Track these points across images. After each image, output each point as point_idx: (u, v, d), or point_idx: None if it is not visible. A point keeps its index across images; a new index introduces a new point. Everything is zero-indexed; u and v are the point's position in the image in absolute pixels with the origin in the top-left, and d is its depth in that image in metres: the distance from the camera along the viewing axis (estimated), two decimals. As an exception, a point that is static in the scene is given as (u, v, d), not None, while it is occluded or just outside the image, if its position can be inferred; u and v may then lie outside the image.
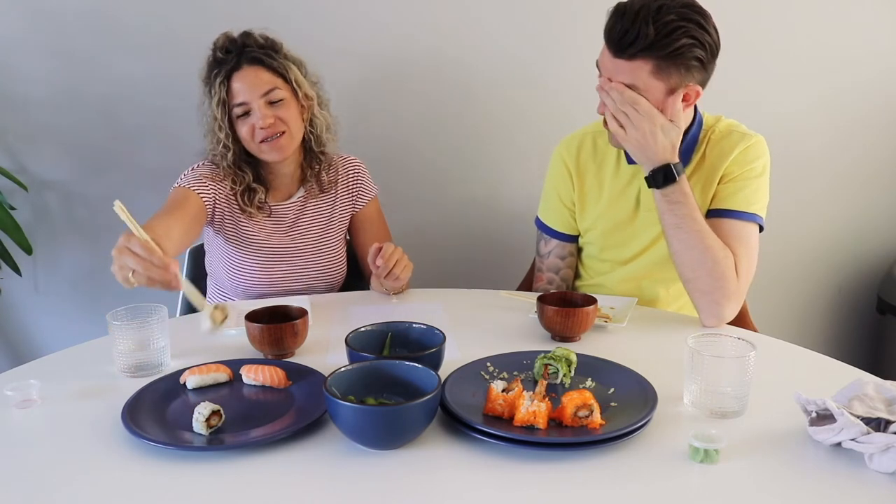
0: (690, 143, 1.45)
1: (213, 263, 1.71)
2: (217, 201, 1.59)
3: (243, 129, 1.55)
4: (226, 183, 1.61)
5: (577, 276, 1.69)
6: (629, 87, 1.31)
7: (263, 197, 1.63)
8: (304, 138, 1.64)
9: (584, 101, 2.09)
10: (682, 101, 1.34)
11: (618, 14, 1.28)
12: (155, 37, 1.93)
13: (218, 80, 1.52)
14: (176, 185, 1.57)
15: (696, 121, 1.47)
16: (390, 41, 2.03)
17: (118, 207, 1.17)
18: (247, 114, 1.54)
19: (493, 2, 2.03)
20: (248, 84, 1.53)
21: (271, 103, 1.54)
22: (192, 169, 1.62)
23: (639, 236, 1.53)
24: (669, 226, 1.35)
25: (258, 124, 1.53)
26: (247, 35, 1.57)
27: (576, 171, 1.57)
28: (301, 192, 1.70)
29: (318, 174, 1.69)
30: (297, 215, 1.68)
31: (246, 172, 1.61)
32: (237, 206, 1.62)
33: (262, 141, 1.55)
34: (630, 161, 1.50)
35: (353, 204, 1.73)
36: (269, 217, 1.66)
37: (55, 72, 1.93)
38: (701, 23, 1.27)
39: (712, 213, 1.43)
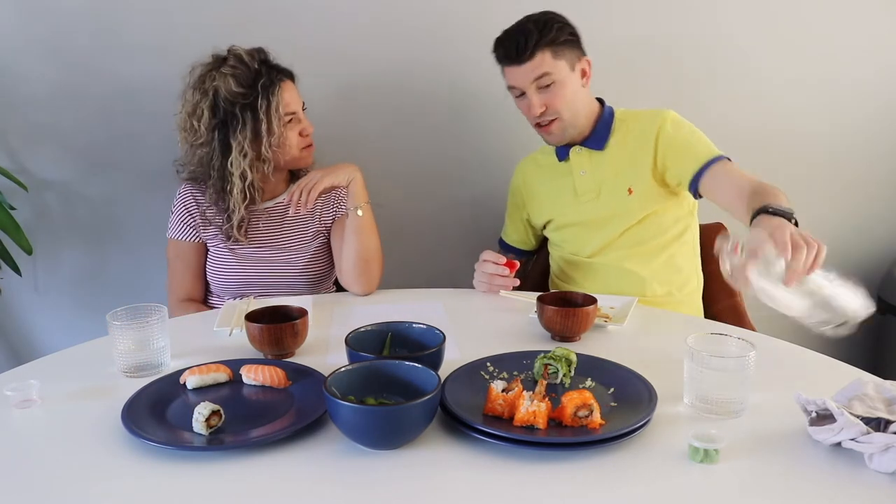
0: (605, 125, 1.66)
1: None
2: (204, 232, 1.69)
3: (292, 134, 1.64)
4: (211, 208, 1.68)
5: (567, 278, 1.74)
6: (544, 76, 1.55)
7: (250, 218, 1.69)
8: None
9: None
10: (582, 77, 1.61)
11: (501, 41, 1.59)
12: (155, 37, 1.93)
13: (276, 89, 1.59)
14: (169, 237, 1.71)
15: (606, 109, 1.69)
16: (388, 43, 2.03)
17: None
18: (291, 121, 1.64)
19: (490, 4, 2.03)
20: (294, 95, 1.65)
21: (305, 115, 1.69)
22: (174, 208, 1.71)
23: (592, 223, 1.66)
24: None
25: (305, 130, 1.67)
26: (265, 52, 1.64)
27: (524, 186, 1.81)
28: (286, 194, 1.74)
29: (300, 175, 1.75)
30: (280, 213, 1.72)
31: (254, 198, 1.64)
32: (224, 228, 1.66)
33: (303, 147, 1.67)
34: (561, 158, 1.71)
35: (334, 209, 1.73)
36: (254, 219, 1.69)
37: (55, 72, 1.93)
38: (555, 16, 1.58)
39: (693, 182, 1.53)
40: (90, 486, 0.89)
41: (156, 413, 1.03)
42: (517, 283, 1.57)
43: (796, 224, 1.18)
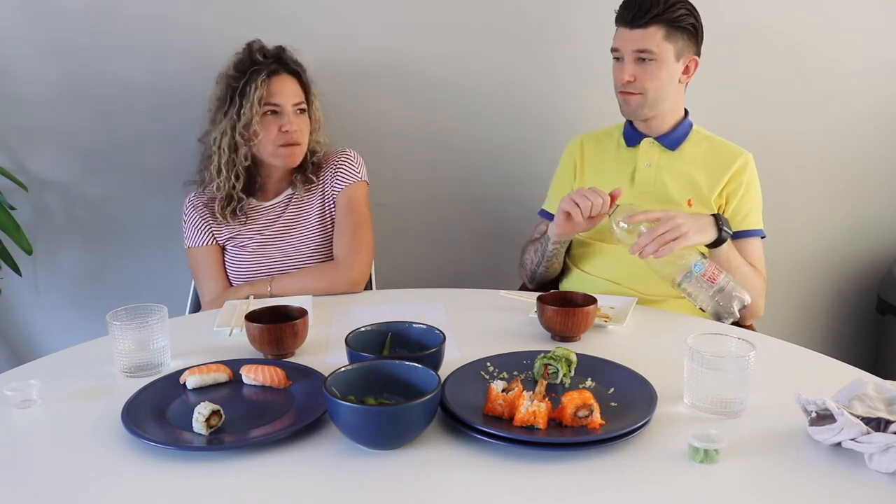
0: (683, 132, 1.65)
1: None
2: (214, 231, 1.70)
3: (271, 127, 1.63)
4: (213, 201, 1.69)
5: (567, 270, 1.73)
6: (645, 51, 1.53)
7: (242, 206, 1.69)
8: None
9: (585, 102, 2.10)
10: (683, 73, 1.58)
11: (627, 2, 1.55)
12: (155, 37, 1.93)
13: (259, 78, 1.60)
14: (188, 246, 1.72)
15: (687, 120, 1.67)
16: (389, 42, 2.03)
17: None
18: (274, 114, 1.63)
19: (493, 6, 2.03)
20: (286, 89, 1.64)
21: (296, 114, 1.66)
22: (185, 216, 1.72)
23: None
24: (732, 272, 1.45)
25: (285, 126, 1.63)
26: (282, 49, 1.67)
27: (580, 159, 1.74)
28: (288, 191, 1.75)
29: (305, 172, 1.74)
30: (282, 211, 1.73)
31: (238, 180, 1.66)
32: (218, 214, 1.69)
33: (281, 145, 1.64)
34: (630, 144, 1.67)
35: (333, 190, 1.74)
36: (256, 216, 1.71)
37: (55, 72, 1.93)
38: (687, 3, 1.56)
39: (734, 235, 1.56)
40: (90, 486, 0.89)
41: (156, 413, 1.03)
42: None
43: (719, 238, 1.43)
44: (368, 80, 2.05)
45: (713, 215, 1.44)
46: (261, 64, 1.62)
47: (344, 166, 1.73)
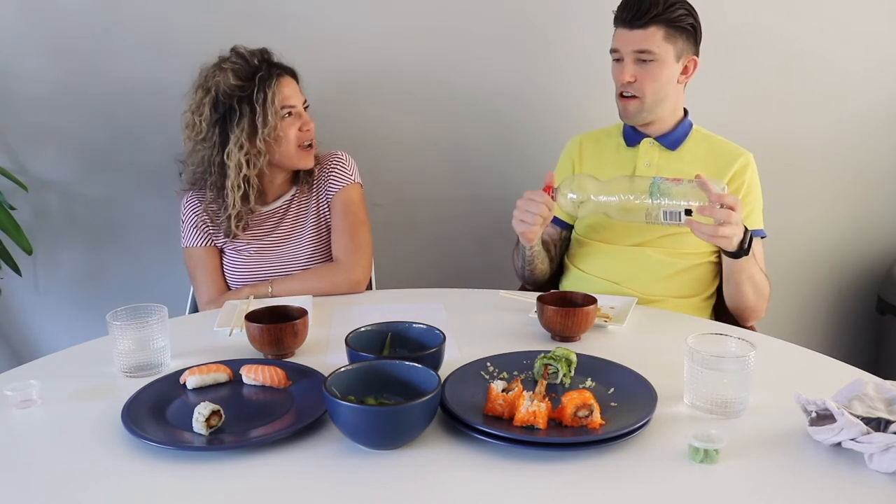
0: (683, 132, 1.64)
1: None
2: (213, 234, 1.69)
3: (291, 130, 1.63)
4: (212, 206, 1.69)
5: (565, 269, 1.73)
6: (645, 52, 1.52)
7: (252, 216, 1.69)
8: None
9: (585, 102, 2.10)
10: (682, 73, 1.58)
11: (626, 2, 1.54)
12: (155, 37, 1.93)
13: (273, 82, 1.60)
14: (185, 246, 1.71)
15: (687, 119, 1.66)
16: (389, 41, 2.03)
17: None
18: (289, 115, 1.63)
19: (493, 6, 2.03)
20: (294, 90, 1.65)
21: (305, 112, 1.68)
22: (183, 216, 1.71)
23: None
24: (745, 280, 1.49)
25: (305, 126, 1.65)
26: (268, 52, 1.66)
27: (578, 159, 1.74)
28: (287, 196, 1.75)
29: (304, 174, 1.75)
30: (281, 216, 1.73)
31: (253, 191, 1.65)
32: (224, 226, 1.68)
33: (301, 146, 1.66)
34: (630, 144, 1.66)
35: (327, 193, 1.74)
36: (256, 222, 1.70)
37: (55, 72, 1.93)
38: (685, 3, 1.55)
39: None
40: (90, 485, 0.89)
41: (156, 413, 1.03)
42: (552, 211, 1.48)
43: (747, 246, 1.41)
44: (368, 80, 2.06)
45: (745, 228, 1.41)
46: (264, 69, 1.61)
47: (336, 169, 1.73)
